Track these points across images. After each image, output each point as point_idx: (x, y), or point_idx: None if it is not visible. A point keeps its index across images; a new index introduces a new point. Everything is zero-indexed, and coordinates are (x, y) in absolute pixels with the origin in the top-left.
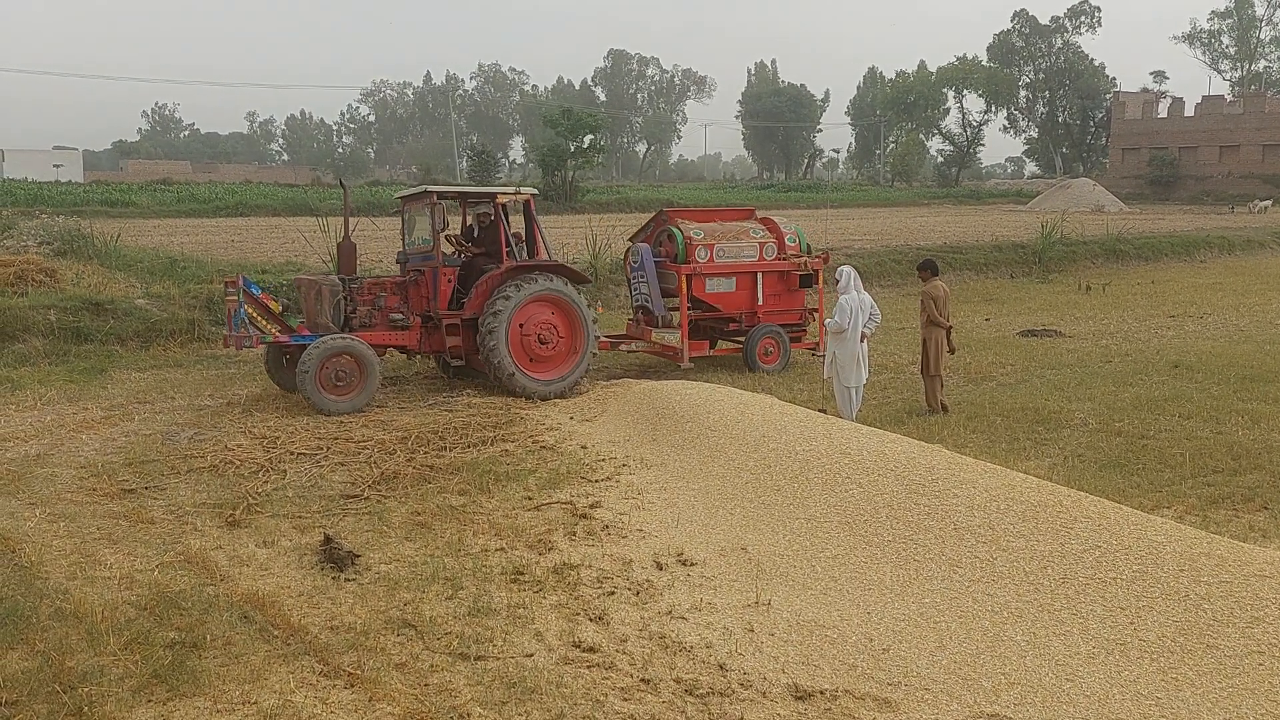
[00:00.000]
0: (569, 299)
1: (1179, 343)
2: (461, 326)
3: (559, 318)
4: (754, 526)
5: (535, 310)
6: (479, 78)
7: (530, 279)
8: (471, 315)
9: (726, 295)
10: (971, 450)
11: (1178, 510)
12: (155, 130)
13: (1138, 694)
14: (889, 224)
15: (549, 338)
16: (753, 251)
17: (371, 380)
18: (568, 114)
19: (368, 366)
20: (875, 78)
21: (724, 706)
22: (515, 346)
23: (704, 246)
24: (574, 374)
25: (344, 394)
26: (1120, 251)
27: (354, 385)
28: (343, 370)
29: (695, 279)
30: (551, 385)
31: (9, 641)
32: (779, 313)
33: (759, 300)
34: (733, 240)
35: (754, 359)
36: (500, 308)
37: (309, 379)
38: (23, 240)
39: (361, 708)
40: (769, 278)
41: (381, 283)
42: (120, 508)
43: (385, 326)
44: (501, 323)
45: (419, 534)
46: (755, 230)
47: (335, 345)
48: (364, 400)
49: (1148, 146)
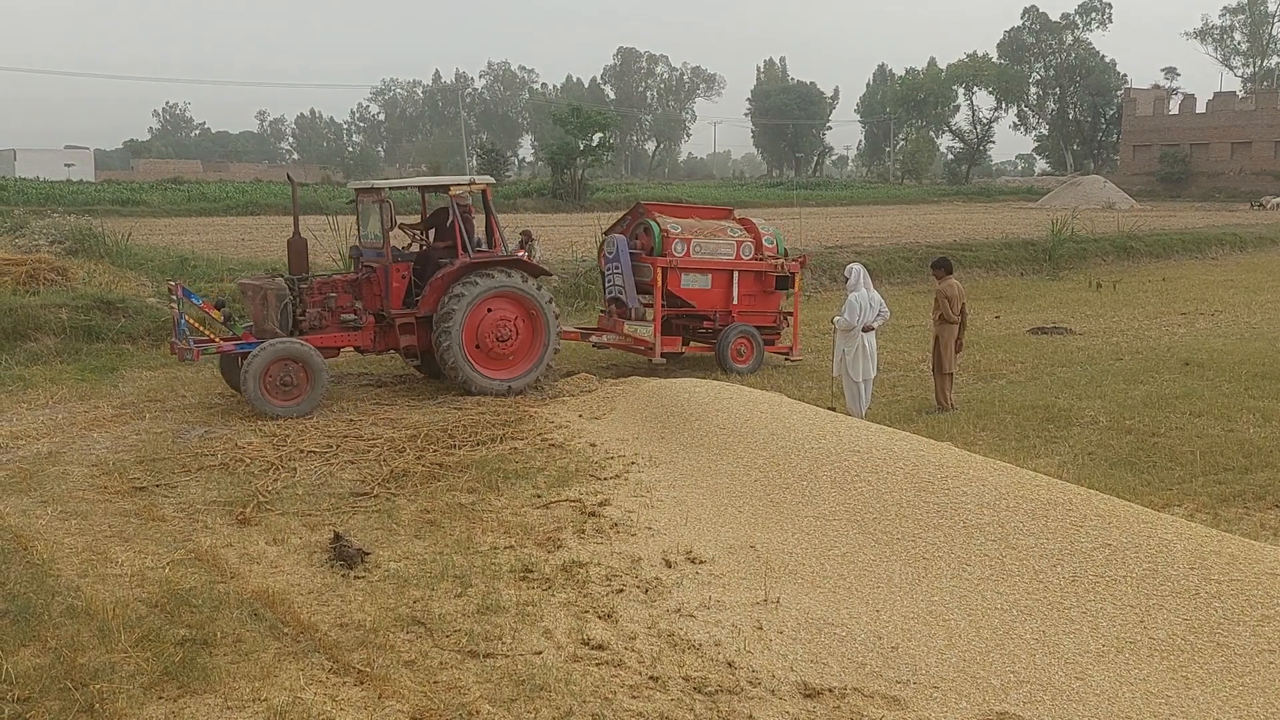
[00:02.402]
0: (528, 294)
1: (1190, 340)
2: (417, 324)
3: (518, 314)
4: (763, 524)
5: (492, 306)
6: (488, 76)
7: (486, 274)
8: (427, 313)
9: (701, 292)
10: (981, 448)
11: (1188, 508)
12: (166, 129)
13: (1148, 692)
14: (899, 221)
15: (507, 334)
16: (729, 250)
17: (319, 385)
18: (577, 112)
19: (314, 371)
20: (885, 75)
21: (733, 704)
22: (471, 344)
23: (681, 241)
24: (535, 370)
25: (290, 400)
26: (1131, 249)
27: (300, 390)
28: (288, 376)
29: (671, 273)
30: (511, 383)
31: (21, 638)
32: (753, 314)
33: (734, 299)
34: (710, 237)
35: (726, 358)
36: (455, 305)
37: (253, 385)
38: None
39: (371, 705)
40: (745, 277)
41: (332, 282)
42: (131, 505)
43: (337, 327)
44: (456, 320)
45: (428, 532)
46: (733, 229)
47: (279, 350)
48: (312, 405)
49: (1159, 143)
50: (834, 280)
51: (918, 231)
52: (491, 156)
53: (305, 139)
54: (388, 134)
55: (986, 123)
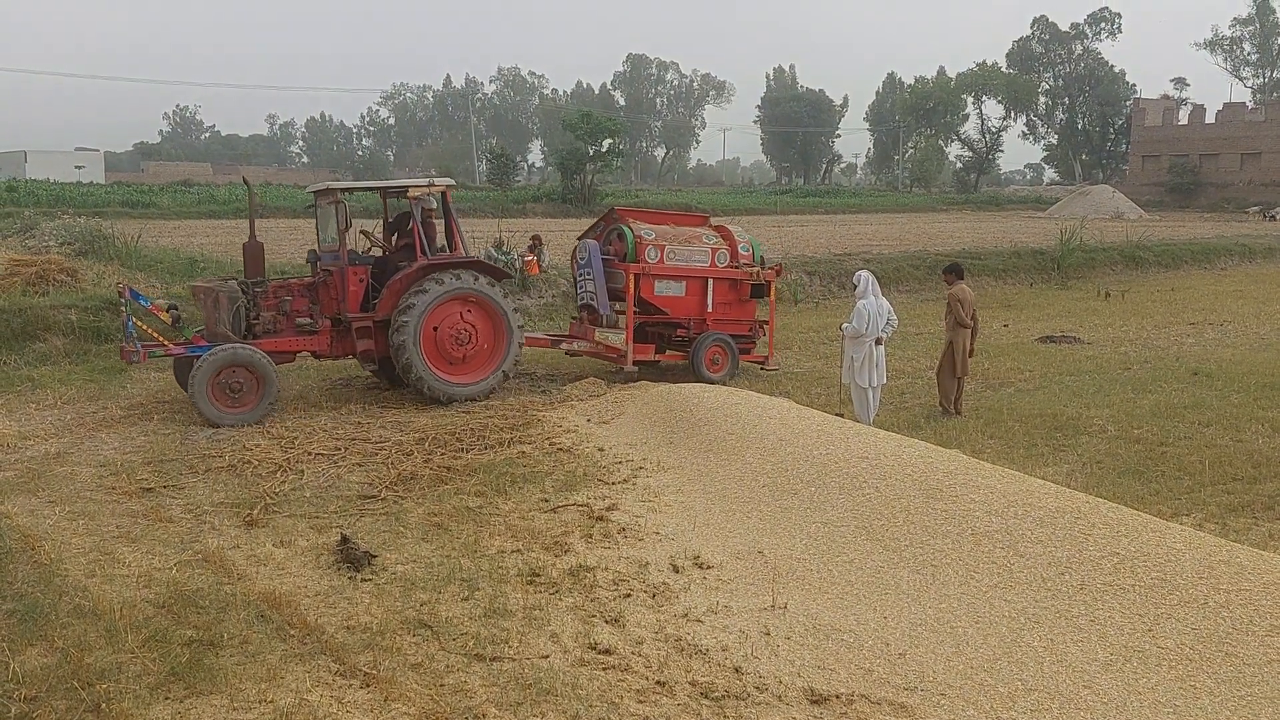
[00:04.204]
0: (488, 297)
1: (1199, 350)
2: (375, 329)
3: (478, 317)
4: (771, 530)
5: (451, 310)
6: (498, 81)
7: (445, 277)
8: (384, 316)
9: (675, 299)
10: (989, 456)
11: (1197, 518)
12: (176, 132)
13: (1155, 702)
14: (907, 229)
15: (466, 338)
16: (704, 257)
17: (269, 391)
18: (587, 118)
19: (265, 377)
20: (894, 83)
21: (739, 710)
22: (429, 348)
23: (655, 247)
24: (496, 376)
25: (239, 407)
26: (1140, 258)
27: (250, 397)
28: (237, 382)
29: (644, 280)
30: (471, 388)
31: (29, 638)
32: (728, 322)
33: (708, 307)
34: (685, 244)
35: (700, 366)
36: (411, 308)
37: (200, 392)
38: (44, 240)
39: (377, 707)
40: (720, 285)
41: (288, 285)
42: (139, 506)
43: (292, 331)
44: (412, 323)
45: (435, 535)
46: (708, 236)
47: (228, 356)
48: (262, 412)
49: (1168, 154)
50: (842, 288)
51: (926, 240)
52: (501, 161)
53: (315, 142)
54: (397, 138)
55: (995, 132)
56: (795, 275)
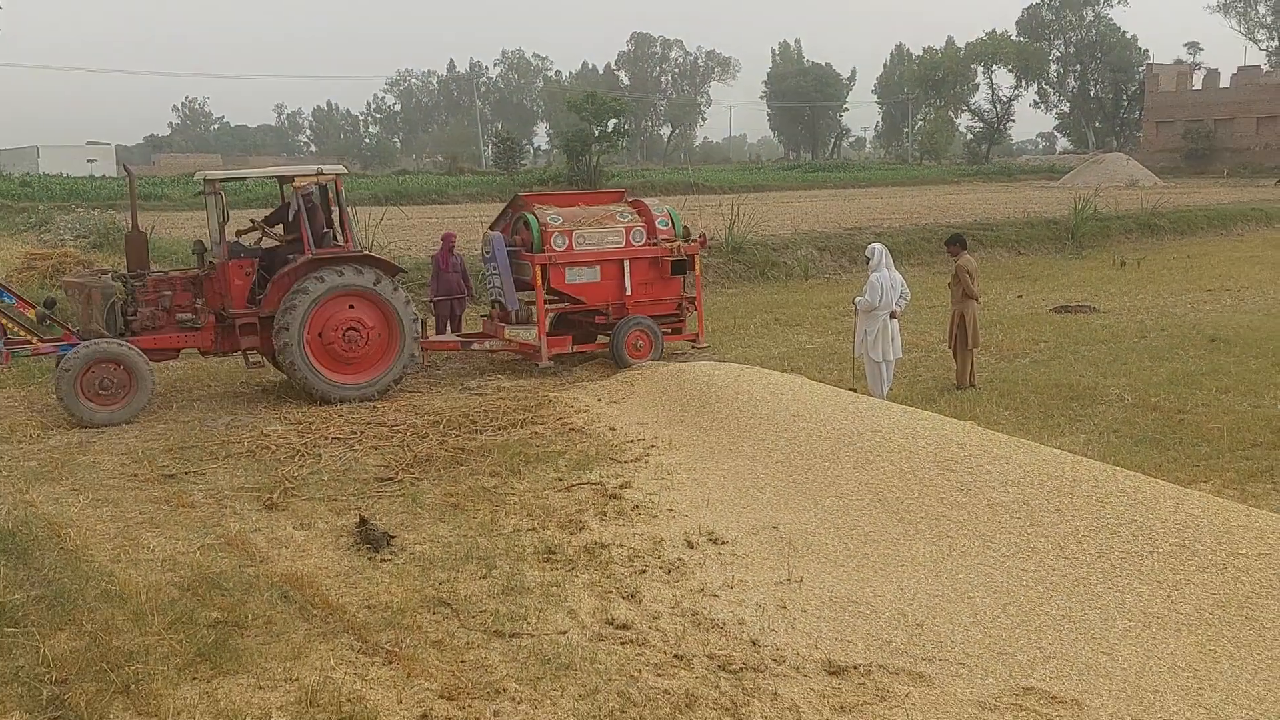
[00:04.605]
0: (379, 293)
1: (1216, 317)
2: (260, 325)
3: (368, 314)
4: (785, 505)
5: (339, 306)
6: (502, 64)
7: (332, 272)
8: (269, 312)
9: (590, 286)
10: (1004, 427)
11: (1215, 484)
12: (186, 124)
13: (1175, 666)
14: (918, 202)
15: (356, 336)
16: (618, 237)
17: (143, 388)
18: (591, 99)
19: (137, 374)
20: (902, 55)
21: (757, 681)
22: (315, 347)
23: (561, 234)
24: (390, 374)
25: (111, 404)
26: (1155, 226)
27: (122, 394)
28: (108, 379)
29: (553, 269)
30: (360, 389)
31: (58, 622)
32: (651, 303)
33: (627, 290)
34: (595, 226)
35: (622, 354)
36: (295, 304)
37: (68, 389)
38: (59, 234)
39: (400, 684)
40: (638, 265)
41: (169, 279)
42: (161, 492)
43: (174, 328)
44: (296, 320)
45: (452, 515)
46: (623, 214)
47: (94, 352)
48: (136, 410)
49: (1182, 119)
50: (854, 262)
51: (938, 212)
52: (507, 145)
53: (322, 131)
54: (404, 124)
55: (1006, 101)
56: (805, 251)
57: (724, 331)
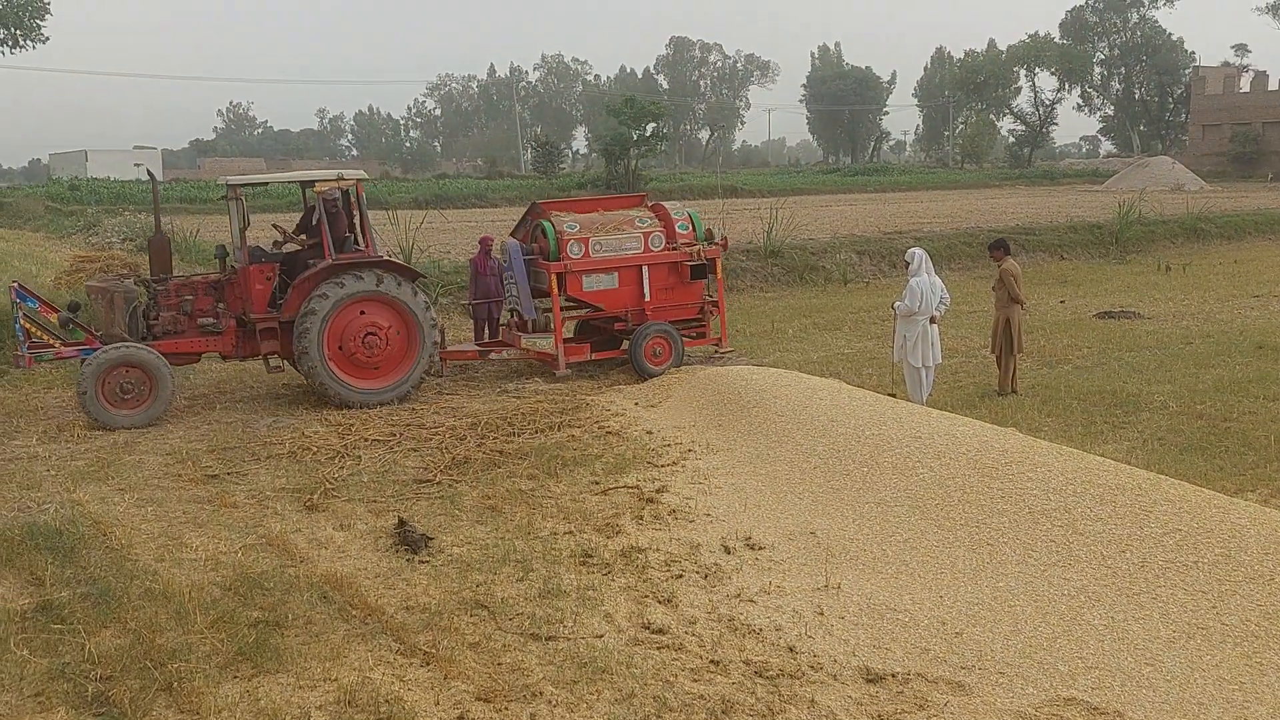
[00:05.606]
0: (399, 298)
1: (1263, 323)
2: (281, 330)
3: (388, 319)
4: (823, 511)
5: (358, 311)
6: (542, 69)
7: (352, 277)
8: (290, 317)
9: (608, 293)
10: (1046, 434)
11: (1262, 494)
12: (230, 129)
13: (1220, 679)
14: (959, 206)
15: (376, 342)
16: (636, 243)
17: (164, 390)
18: (630, 102)
19: (157, 377)
20: (943, 58)
21: (794, 688)
22: (334, 352)
23: (577, 241)
24: (409, 380)
25: (133, 407)
26: (1201, 230)
27: (144, 397)
28: (129, 382)
29: (569, 277)
30: (380, 394)
31: (103, 620)
32: (671, 308)
33: (646, 296)
34: (612, 232)
35: (641, 361)
36: (315, 309)
37: (89, 394)
38: (107, 237)
39: (437, 685)
40: (656, 270)
41: (191, 284)
42: (204, 493)
43: (194, 332)
44: (315, 326)
45: (490, 517)
46: (642, 219)
47: (115, 356)
48: (158, 412)
49: (1229, 123)
50: (893, 266)
51: (979, 216)
52: (546, 149)
53: (364, 135)
54: (444, 129)
55: (1049, 104)
56: (845, 255)
57: (762, 335)
